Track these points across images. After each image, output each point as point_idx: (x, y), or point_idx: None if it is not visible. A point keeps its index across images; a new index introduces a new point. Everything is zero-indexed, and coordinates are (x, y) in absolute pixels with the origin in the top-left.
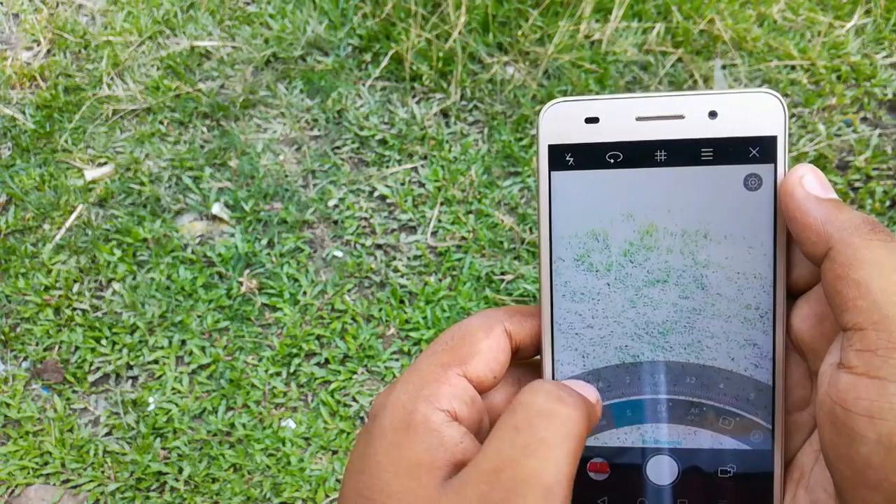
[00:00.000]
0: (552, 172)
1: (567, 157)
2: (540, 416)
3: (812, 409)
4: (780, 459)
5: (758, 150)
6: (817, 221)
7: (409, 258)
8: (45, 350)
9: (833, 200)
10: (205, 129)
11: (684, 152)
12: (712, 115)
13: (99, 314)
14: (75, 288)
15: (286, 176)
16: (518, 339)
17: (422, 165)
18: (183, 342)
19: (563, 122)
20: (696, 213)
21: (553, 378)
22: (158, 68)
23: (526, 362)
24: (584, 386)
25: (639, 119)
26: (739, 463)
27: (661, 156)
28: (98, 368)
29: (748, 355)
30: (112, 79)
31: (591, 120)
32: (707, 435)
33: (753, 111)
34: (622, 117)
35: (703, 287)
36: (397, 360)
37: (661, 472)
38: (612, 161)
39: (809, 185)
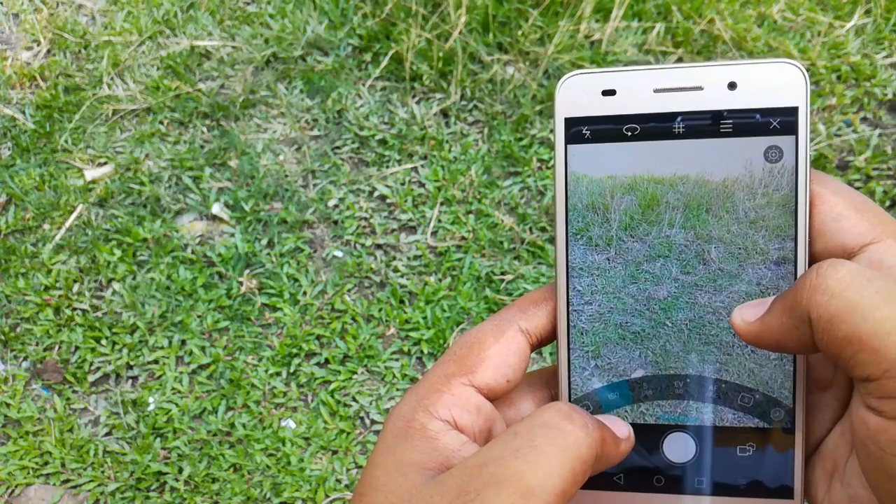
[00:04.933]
0: (568, 146)
1: (584, 130)
2: (542, 426)
3: (836, 392)
4: (801, 438)
5: (778, 121)
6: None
7: (409, 258)
8: (45, 350)
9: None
10: (205, 129)
11: (703, 124)
12: (731, 86)
13: (99, 314)
14: (75, 288)
15: (286, 176)
16: (536, 333)
17: (422, 165)
18: (183, 342)
19: (579, 94)
20: (716, 187)
21: (569, 358)
22: (158, 68)
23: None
24: (615, 420)
25: (656, 91)
26: (759, 441)
27: (679, 128)
28: (98, 368)
29: None
30: (112, 79)
31: (608, 92)
32: (726, 412)
33: (774, 82)
34: (639, 89)
35: (730, 260)
36: (397, 360)
37: (679, 449)
38: (629, 134)
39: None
